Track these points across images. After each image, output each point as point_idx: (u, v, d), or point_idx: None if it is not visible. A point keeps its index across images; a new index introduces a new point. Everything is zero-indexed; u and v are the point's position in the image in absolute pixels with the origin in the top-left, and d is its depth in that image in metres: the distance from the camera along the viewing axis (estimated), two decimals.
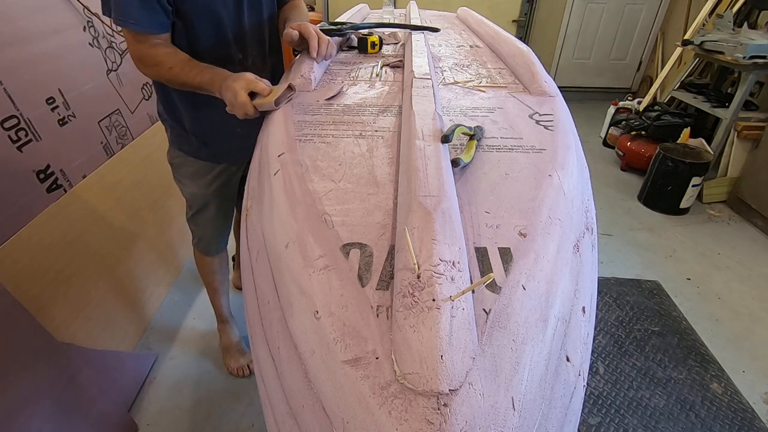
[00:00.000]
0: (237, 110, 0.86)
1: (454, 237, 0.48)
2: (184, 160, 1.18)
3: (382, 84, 1.01)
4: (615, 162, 3.10)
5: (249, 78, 0.86)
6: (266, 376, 0.54)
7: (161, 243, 1.79)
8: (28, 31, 1.30)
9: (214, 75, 0.90)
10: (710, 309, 1.82)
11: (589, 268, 0.59)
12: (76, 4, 1.52)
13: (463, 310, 0.42)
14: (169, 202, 1.83)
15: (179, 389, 1.43)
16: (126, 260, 1.55)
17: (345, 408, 0.39)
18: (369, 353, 0.41)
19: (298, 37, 0.96)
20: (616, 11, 3.92)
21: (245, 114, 0.86)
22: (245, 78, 0.85)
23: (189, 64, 0.93)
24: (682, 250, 2.19)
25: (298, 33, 0.95)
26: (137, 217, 1.65)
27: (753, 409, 1.39)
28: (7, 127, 1.18)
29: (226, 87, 0.86)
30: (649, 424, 1.34)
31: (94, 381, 1.20)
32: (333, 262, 0.50)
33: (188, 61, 0.93)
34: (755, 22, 2.82)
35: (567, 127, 0.79)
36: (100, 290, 1.41)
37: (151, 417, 1.34)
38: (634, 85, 4.25)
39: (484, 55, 1.26)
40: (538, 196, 0.60)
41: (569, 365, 0.47)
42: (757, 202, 2.37)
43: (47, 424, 1.02)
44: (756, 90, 2.79)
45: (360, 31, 1.31)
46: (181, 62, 0.92)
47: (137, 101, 1.77)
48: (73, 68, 1.46)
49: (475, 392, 0.38)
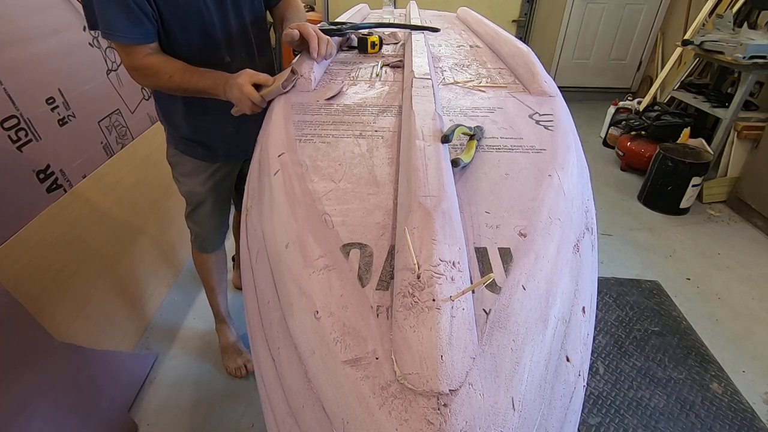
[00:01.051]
0: (244, 103, 0.86)
1: (454, 237, 0.48)
2: (181, 158, 1.19)
3: (382, 84, 1.01)
4: (615, 162, 3.10)
5: (250, 72, 0.87)
6: (266, 376, 0.54)
7: (161, 243, 1.79)
8: (28, 31, 1.30)
9: (215, 78, 0.91)
10: (710, 309, 1.82)
11: (589, 268, 0.59)
12: (76, 4, 1.52)
13: (463, 310, 0.42)
14: (169, 202, 1.83)
15: (179, 389, 1.43)
16: (126, 260, 1.55)
17: (345, 408, 0.39)
18: (369, 353, 0.41)
19: (299, 38, 0.96)
20: (616, 11, 3.92)
21: (252, 106, 0.86)
22: (247, 72, 0.87)
23: (188, 70, 0.93)
24: (682, 250, 2.19)
25: (299, 33, 0.95)
26: (137, 217, 1.65)
27: (753, 409, 1.39)
28: (7, 127, 1.18)
29: (230, 85, 0.87)
30: (649, 424, 1.34)
31: (94, 381, 1.20)
32: (333, 262, 0.50)
33: (186, 68, 0.93)
34: (755, 22, 2.82)
35: (567, 127, 0.79)
36: (100, 290, 1.41)
37: (151, 417, 1.34)
38: (634, 85, 4.25)
39: (484, 55, 1.26)
40: (538, 196, 0.60)
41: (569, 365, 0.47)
42: (757, 202, 2.37)
43: (47, 424, 1.02)
44: (756, 90, 2.79)
45: (360, 31, 1.31)
46: (179, 70, 0.92)
47: (137, 101, 1.77)
48: (73, 68, 1.46)
49: (475, 392, 0.37)
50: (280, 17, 1.16)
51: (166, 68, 0.92)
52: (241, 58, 1.08)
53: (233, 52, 1.06)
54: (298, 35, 0.95)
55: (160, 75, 0.92)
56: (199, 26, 0.98)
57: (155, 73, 0.92)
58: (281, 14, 1.16)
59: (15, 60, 1.24)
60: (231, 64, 1.06)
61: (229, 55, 1.06)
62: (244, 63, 1.09)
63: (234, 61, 1.07)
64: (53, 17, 1.42)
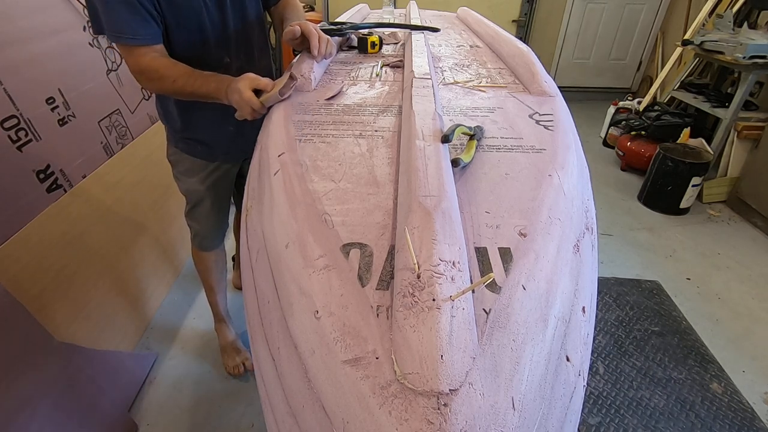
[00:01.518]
0: (244, 109, 0.86)
1: (454, 237, 0.48)
2: (180, 157, 1.19)
3: (382, 84, 1.01)
4: (615, 162, 3.10)
5: (251, 77, 0.86)
6: (266, 376, 0.54)
7: (161, 243, 1.79)
8: (28, 31, 1.30)
9: (219, 82, 0.90)
10: (710, 309, 1.82)
11: (589, 268, 0.59)
12: (76, 4, 1.52)
13: (463, 310, 0.42)
14: (169, 202, 1.83)
15: (179, 389, 1.43)
16: (126, 260, 1.55)
17: (345, 408, 0.39)
18: (369, 353, 0.41)
19: (299, 35, 0.96)
20: (616, 11, 3.92)
21: (253, 112, 0.86)
22: (248, 77, 0.86)
23: (192, 75, 0.92)
24: (682, 250, 2.19)
25: (300, 30, 0.95)
26: (137, 217, 1.65)
27: (753, 409, 1.39)
28: (7, 127, 1.18)
29: (231, 90, 0.86)
30: (649, 424, 1.34)
31: (94, 381, 1.20)
32: (333, 262, 0.50)
33: (191, 73, 0.92)
34: (755, 22, 2.82)
35: (567, 127, 0.79)
36: (101, 290, 1.41)
37: (151, 417, 1.34)
38: (634, 85, 4.25)
39: (484, 55, 1.26)
40: (538, 196, 0.60)
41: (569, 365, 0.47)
42: (757, 202, 2.37)
43: (47, 424, 1.02)
44: (756, 90, 2.79)
45: (360, 31, 1.31)
46: (184, 75, 0.92)
47: (137, 101, 1.77)
48: (73, 68, 1.46)
49: (475, 392, 0.37)
50: (279, 17, 1.16)
51: (171, 72, 0.91)
52: (240, 59, 1.08)
53: (232, 52, 1.06)
54: (299, 32, 0.95)
55: (165, 79, 0.92)
56: (198, 26, 0.97)
57: (160, 77, 0.92)
58: (280, 14, 1.16)
59: (15, 60, 1.24)
60: (230, 65, 1.06)
61: (228, 56, 1.06)
62: (243, 64, 1.09)
63: (233, 61, 1.07)
64: (53, 17, 1.42)
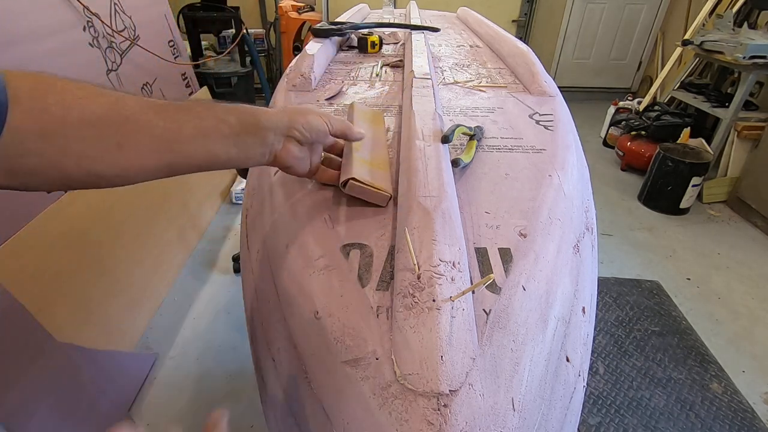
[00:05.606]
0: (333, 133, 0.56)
1: (454, 237, 0.48)
2: None
3: (382, 84, 1.01)
4: (615, 162, 3.10)
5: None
6: (266, 376, 0.54)
7: (162, 243, 1.79)
8: (28, 31, 1.30)
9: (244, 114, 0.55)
10: (710, 309, 1.82)
11: (589, 268, 0.59)
12: (76, 4, 1.52)
13: (463, 310, 0.42)
14: (170, 202, 1.83)
15: (179, 389, 1.43)
16: (126, 260, 1.55)
17: (345, 409, 0.39)
18: (369, 354, 0.41)
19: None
20: (616, 11, 3.92)
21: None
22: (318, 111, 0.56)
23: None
24: (682, 250, 2.19)
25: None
26: (137, 217, 1.65)
27: (753, 409, 1.39)
28: None
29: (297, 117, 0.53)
30: (649, 424, 1.34)
31: (94, 381, 1.20)
32: (333, 262, 0.50)
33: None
34: (755, 22, 2.82)
35: (567, 127, 0.79)
36: (101, 290, 1.41)
37: (151, 417, 1.34)
38: (634, 85, 4.25)
39: (484, 55, 1.26)
40: (538, 197, 0.60)
41: (569, 365, 0.47)
42: (757, 202, 2.37)
43: (47, 424, 1.02)
44: (756, 90, 2.79)
45: (360, 31, 1.31)
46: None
47: None
48: (73, 68, 1.46)
49: (475, 393, 0.37)
50: None
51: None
52: None
53: None
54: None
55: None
56: None
57: None
58: None
59: (15, 60, 1.23)
60: None
61: None
62: None
63: None
64: (53, 17, 1.42)
